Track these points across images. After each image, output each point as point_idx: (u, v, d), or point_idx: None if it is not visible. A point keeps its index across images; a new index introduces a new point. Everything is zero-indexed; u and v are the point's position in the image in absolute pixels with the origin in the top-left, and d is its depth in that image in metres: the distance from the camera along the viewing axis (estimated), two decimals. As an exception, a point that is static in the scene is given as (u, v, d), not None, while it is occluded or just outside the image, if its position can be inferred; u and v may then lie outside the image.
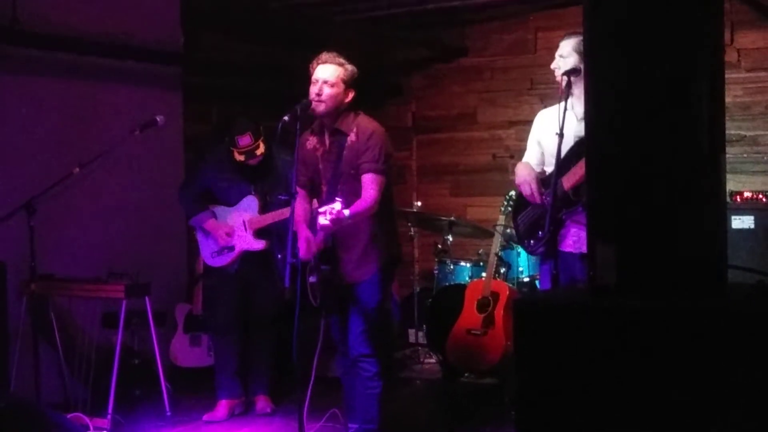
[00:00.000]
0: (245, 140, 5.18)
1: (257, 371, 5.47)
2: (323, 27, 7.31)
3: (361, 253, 4.38)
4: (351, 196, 4.22)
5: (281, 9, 6.82)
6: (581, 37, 4.07)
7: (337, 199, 3.93)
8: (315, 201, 4.54)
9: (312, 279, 4.31)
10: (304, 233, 4.36)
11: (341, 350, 4.60)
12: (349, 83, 4.34)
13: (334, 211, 3.84)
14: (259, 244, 5.25)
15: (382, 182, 4.30)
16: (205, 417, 5.28)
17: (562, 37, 4.25)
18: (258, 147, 5.20)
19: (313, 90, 4.28)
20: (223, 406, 5.34)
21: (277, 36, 7.25)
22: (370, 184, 4.27)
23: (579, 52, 4.07)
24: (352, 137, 4.33)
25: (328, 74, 4.29)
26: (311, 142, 4.46)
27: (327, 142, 4.41)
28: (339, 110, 4.34)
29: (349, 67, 4.36)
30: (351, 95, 4.36)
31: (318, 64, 4.33)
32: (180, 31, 6.44)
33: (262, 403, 5.44)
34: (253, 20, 7.04)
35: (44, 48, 5.57)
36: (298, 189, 4.48)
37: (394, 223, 4.66)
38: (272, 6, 6.75)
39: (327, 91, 4.26)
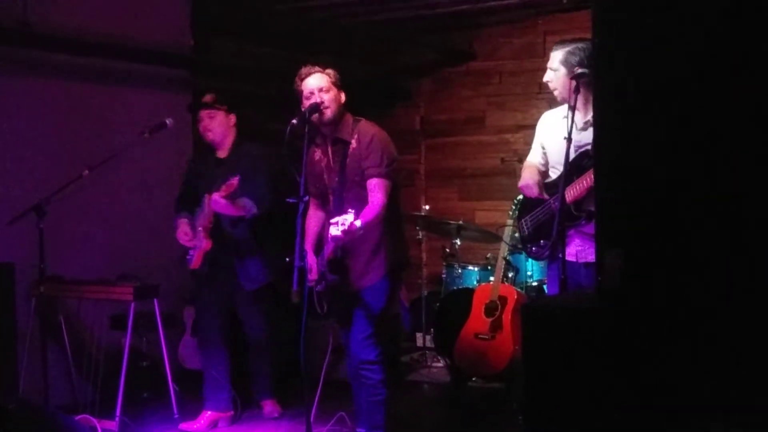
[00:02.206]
0: (205, 98, 5.19)
1: (259, 377, 5.43)
2: (331, 30, 7.33)
3: (367, 260, 4.37)
4: (358, 203, 4.19)
5: (289, 12, 6.84)
6: (568, 48, 4.10)
7: (349, 210, 3.88)
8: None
9: (319, 288, 4.31)
10: (311, 258, 4.40)
11: (349, 356, 4.60)
12: (338, 85, 4.38)
13: (346, 223, 3.79)
14: (201, 243, 5.08)
15: (387, 186, 4.28)
16: (182, 426, 5.15)
17: (552, 48, 4.23)
18: (212, 105, 5.14)
19: (312, 102, 4.29)
20: (205, 417, 5.21)
21: (285, 40, 7.27)
22: (376, 190, 4.26)
23: (567, 64, 4.07)
24: (353, 144, 4.33)
25: (318, 82, 4.31)
26: (317, 154, 4.48)
27: (330, 152, 4.42)
28: (340, 113, 4.36)
29: (331, 71, 4.40)
30: (344, 96, 4.40)
31: (302, 79, 4.35)
32: (190, 35, 6.46)
33: (269, 407, 5.42)
34: (261, 24, 7.06)
35: (54, 50, 5.59)
36: (311, 199, 4.53)
37: (401, 227, 4.65)
38: (280, 9, 6.76)
39: (325, 97, 4.29)
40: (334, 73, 4.39)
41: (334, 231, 3.83)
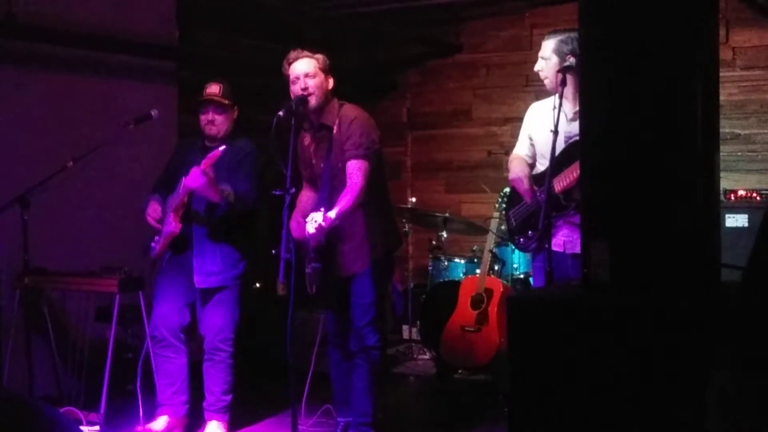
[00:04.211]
0: (213, 88, 4.78)
1: (208, 391, 4.88)
2: (318, 22, 7.31)
3: (357, 245, 4.36)
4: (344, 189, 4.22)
5: (276, 3, 6.81)
6: (561, 37, 4.12)
7: (321, 209, 3.93)
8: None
9: (308, 270, 4.31)
10: (294, 220, 4.40)
11: (333, 343, 4.59)
12: (326, 71, 4.37)
13: (316, 223, 3.87)
14: (169, 226, 4.67)
15: (366, 168, 4.22)
16: (143, 428, 4.88)
17: (544, 38, 4.24)
18: (222, 100, 4.74)
19: (298, 87, 4.27)
20: (162, 421, 4.90)
21: (272, 31, 7.24)
22: (354, 171, 4.21)
23: (559, 53, 4.09)
24: (335, 130, 4.31)
25: (305, 68, 4.30)
26: (306, 139, 4.48)
27: (316, 138, 4.41)
28: (327, 99, 4.34)
29: (320, 56, 4.38)
30: (332, 82, 4.38)
31: (290, 63, 4.33)
32: (175, 25, 6.43)
33: (212, 428, 4.85)
34: (248, 15, 7.03)
35: (39, 41, 5.55)
36: (304, 183, 4.52)
37: (389, 212, 4.62)
38: (267, 0, 6.74)
39: (311, 82, 4.28)
40: (323, 59, 4.36)
41: (309, 228, 3.91)
